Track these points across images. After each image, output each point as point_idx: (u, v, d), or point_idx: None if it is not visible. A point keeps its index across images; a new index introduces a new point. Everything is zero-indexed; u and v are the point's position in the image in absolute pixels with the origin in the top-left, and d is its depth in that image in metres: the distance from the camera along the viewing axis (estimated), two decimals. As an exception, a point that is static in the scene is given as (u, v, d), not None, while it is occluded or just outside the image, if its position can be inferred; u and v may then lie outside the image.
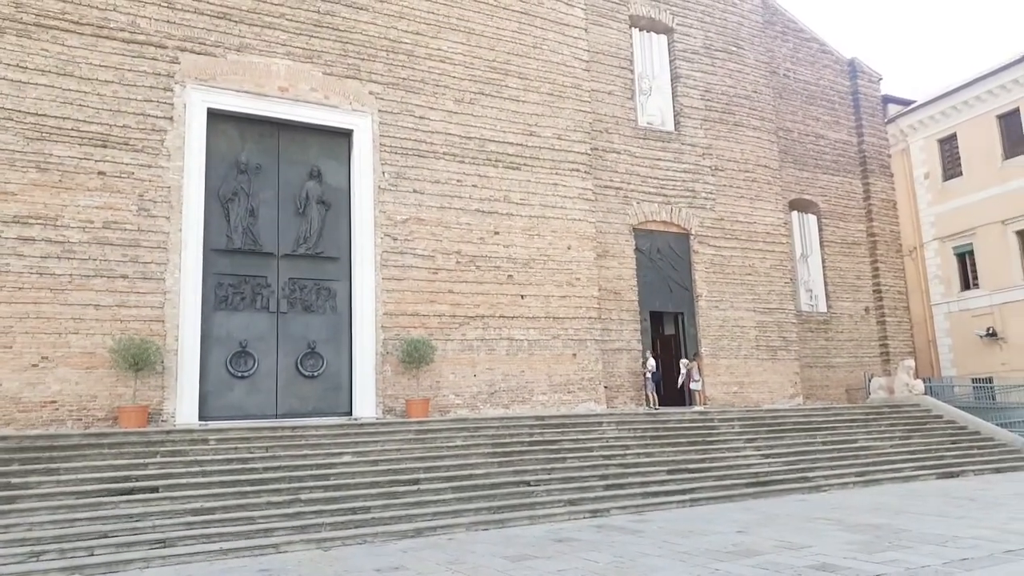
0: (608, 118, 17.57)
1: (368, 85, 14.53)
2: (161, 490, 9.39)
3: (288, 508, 9.39)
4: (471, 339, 14.57)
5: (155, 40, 12.88)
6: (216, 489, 9.58)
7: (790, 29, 22.91)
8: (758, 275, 19.06)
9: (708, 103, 19.24)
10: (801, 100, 22.55)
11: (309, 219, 14.02)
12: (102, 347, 11.65)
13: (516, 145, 15.71)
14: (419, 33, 15.13)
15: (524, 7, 16.36)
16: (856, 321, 22.23)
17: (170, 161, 12.74)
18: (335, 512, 9.44)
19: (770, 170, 19.93)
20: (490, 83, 15.66)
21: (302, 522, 9.05)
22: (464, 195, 15.00)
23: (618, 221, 17.30)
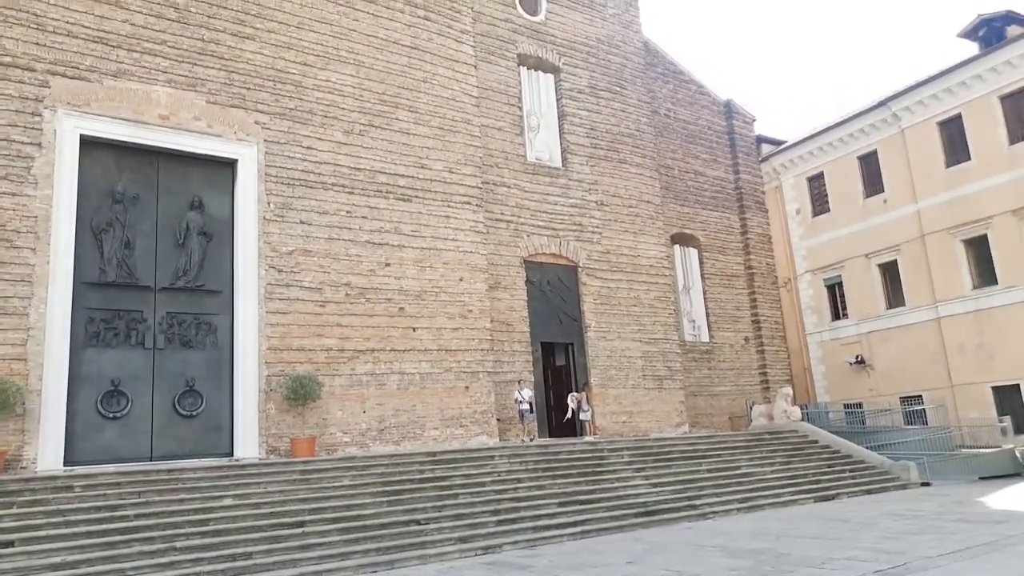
0: (498, 153, 17.91)
1: (254, 115, 14.25)
2: (17, 544, 8.70)
3: (162, 557, 8.90)
4: (360, 374, 14.35)
5: (22, 63, 12.22)
6: (81, 540, 8.96)
7: (670, 71, 24.13)
8: (643, 306, 19.75)
9: (593, 140, 19.95)
10: (681, 139, 23.72)
11: (189, 251, 13.51)
12: (-47, 389, 10.76)
13: (407, 177, 15.75)
14: (307, 64, 15.01)
15: (414, 42, 16.53)
16: (737, 350, 23.32)
17: (37, 189, 12.03)
18: (214, 559, 9.02)
19: (653, 205, 20.79)
20: (380, 116, 15.68)
21: (178, 572, 8.60)
22: (354, 226, 14.87)
23: (509, 253, 17.58)
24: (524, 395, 16.22)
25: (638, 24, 21.95)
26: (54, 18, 12.57)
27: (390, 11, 16.33)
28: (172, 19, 13.69)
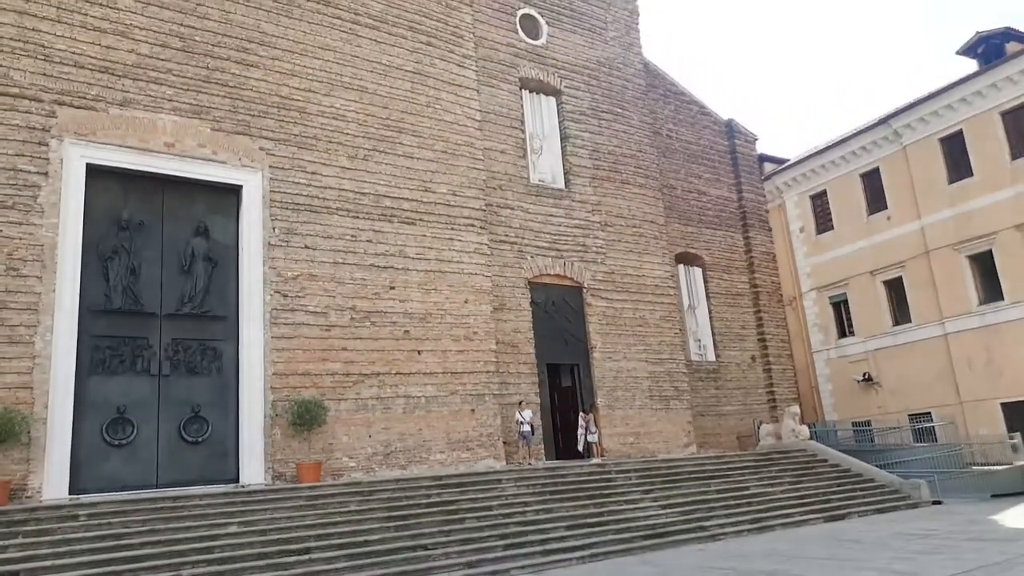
0: (501, 175, 17.99)
1: (259, 141, 14.37)
2: (23, 574, 8.66)
3: (167, 585, 8.84)
4: (366, 398, 14.32)
5: (30, 93, 12.36)
6: (87, 570, 8.92)
7: (671, 92, 24.27)
8: (649, 327, 19.71)
9: (596, 162, 20.03)
10: (683, 159, 23.80)
11: (195, 277, 13.57)
12: (-41, 418, 10.76)
13: (411, 201, 15.82)
14: (311, 91, 15.15)
15: (417, 68, 16.68)
16: (743, 369, 23.21)
17: (44, 218, 12.12)
18: (219, 586, 8.95)
19: (656, 225, 20.82)
20: (384, 140, 15.79)
21: (182, 599, 8.53)
22: (359, 250, 14.92)
23: (514, 275, 17.59)
24: (525, 416, 16.06)
25: (639, 46, 22.12)
26: (61, 49, 12.73)
27: (393, 37, 16.51)
28: (177, 48, 13.85)
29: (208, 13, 14.30)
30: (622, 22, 21.90)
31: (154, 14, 13.71)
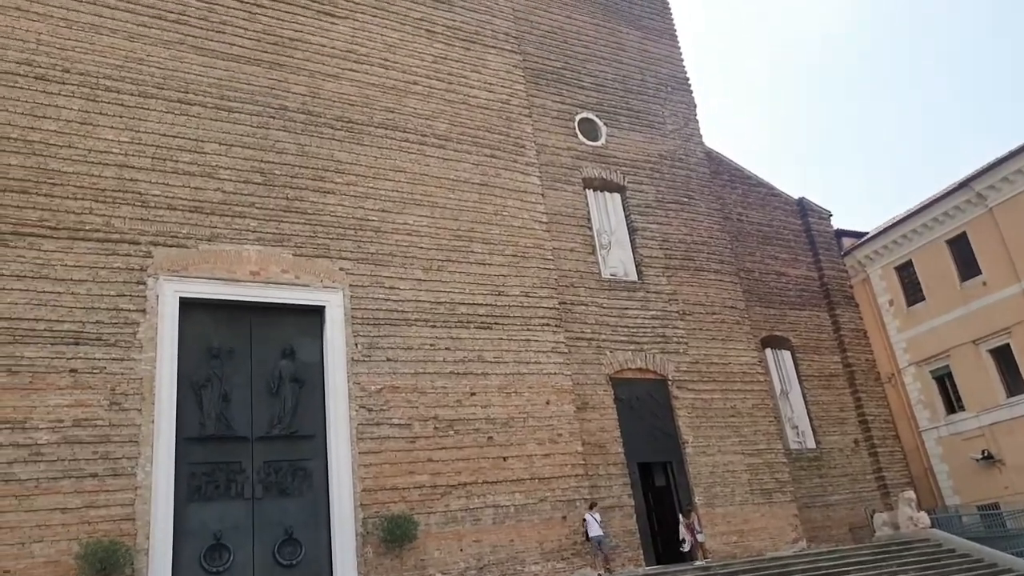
0: (572, 273, 18.09)
1: (338, 262, 14.95)
2: None
3: None
4: (455, 510, 14.08)
5: (129, 238, 13.30)
6: None
7: (737, 177, 24.27)
8: (741, 416, 18.94)
9: (667, 252, 19.96)
10: (757, 241, 23.48)
11: (283, 399, 13.90)
12: (67, 554, 11.08)
13: (485, 306, 16.02)
14: (385, 210, 15.81)
15: (483, 179, 17.27)
16: (847, 455, 21.90)
17: (142, 353, 12.76)
18: None
19: (737, 311, 20.36)
20: (456, 250, 16.21)
21: None
22: (438, 359, 15.07)
23: (594, 372, 17.35)
24: (595, 518, 14.82)
25: (699, 136, 22.38)
26: (155, 195, 13.76)
27: (459, 153, 17.22)
28: (259, 183, 14.78)
29: (286, 148, 15.29)
30: (680, 115, 22.28)
31: (237, 154, 14.75)
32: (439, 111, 17.40)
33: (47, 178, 12.94)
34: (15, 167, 12.74)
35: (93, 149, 13.45)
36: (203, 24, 15.27)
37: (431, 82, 17.59)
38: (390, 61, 17.23)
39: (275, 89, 15.57)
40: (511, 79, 18.85)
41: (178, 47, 14.86)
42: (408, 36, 17.74)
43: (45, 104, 13.33)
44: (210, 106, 14.77)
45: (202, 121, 14.59)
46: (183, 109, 14.49)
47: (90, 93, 13.75)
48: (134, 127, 13.93)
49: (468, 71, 18.26)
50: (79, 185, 13.15)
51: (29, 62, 13.41)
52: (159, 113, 14.24)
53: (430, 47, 17.94)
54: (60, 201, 12.93)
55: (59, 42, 13.79)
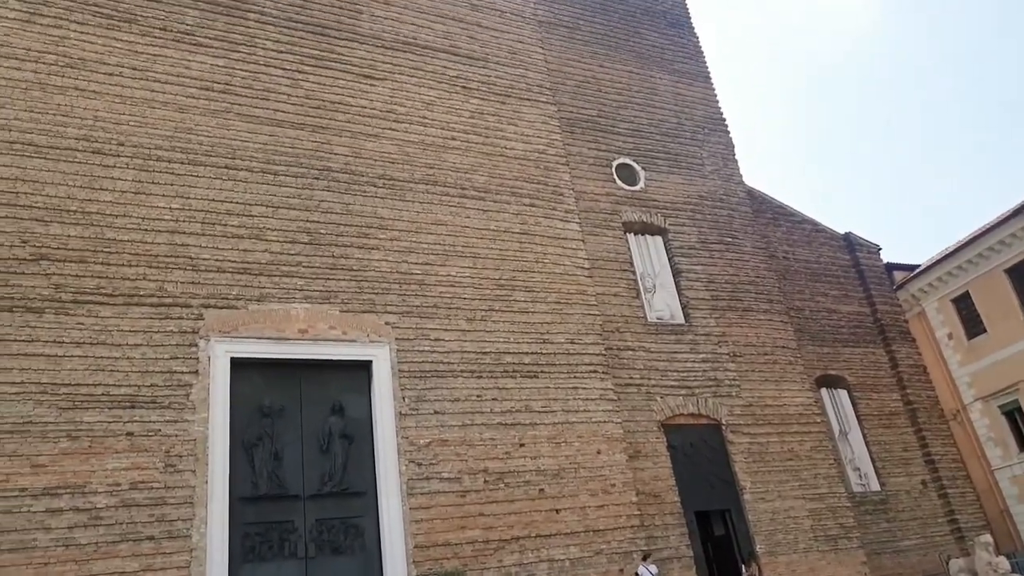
0: (617, 318, 17.93)
1: (384, 316, 15.08)
2: None
3: None
4: (508, 565, 13.79)
5: (181, 301, 13.64)
6: None
7: (780, 214, 23.98)
8: (800, 459, 18.33)
9: (714, 293, 19.69)
10: (805, 279, 23.05)
11: (333, 456, 13.91)
12: (125, 617, 11.13)
13: (531, 354, 15.94)
14: (428, 263, 15.97)
15: (523, 228, 17.38)
16: (915, 497, 20.96)
17: (195, 414, 12.95)
18: None
19: (789, 350, 19.89)
20: (499, 299, 16.24)
21: None
22: (485, 410, 14.98)
23: (645, 419, 17.03)
24: (651, 570, 14.22)
25: (739, 176, 22.26)
26: (205, 258, 14.13)
27: (498, 204, 17.39)
28: (305, 242, 15.09)
29: (331, 207, 15.62)
30: (718, 156, 22.23)
31: (283, 215, 15.12)
32: (477, 164, 17.66)
33: (104, 247, 13.41)
34: (74, 238, 13.25)
35: (146, 217, 13.93)
36: (248, 92, 15.86)
37: (469, 137, 17.90)
38: (428, 119, 17.62)
39: (319, 151, 16.01)
40: (547, 129, 19.09)
41: (225, 115, 15.43)
42: (445, 94, 18.15)
43: (102, 176, 13.89)
44: (256, 170, 15.23)
45: (249, 185, 15.04)
46: (231, 174, 14.97)
47: (143, 164, 14.31)
48: (184, 194, 14.41)
49: (504, 124, 18.56)
50: (134, 252, 13.60)
51: (87, 138, 14.05)
52: (208, 179, 14.72)
53: (466, 103, 18.32)
54: (116, 268, 13.36)
55: (114, 117, 14.44)
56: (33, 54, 14.21)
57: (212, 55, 15.82)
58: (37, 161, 13.47)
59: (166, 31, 15.56)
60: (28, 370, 12.11)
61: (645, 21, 23.56)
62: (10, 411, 11.78)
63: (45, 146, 13.64)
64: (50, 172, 13.49)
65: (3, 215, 12.88)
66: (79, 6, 14.96)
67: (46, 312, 12.60)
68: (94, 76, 14.55)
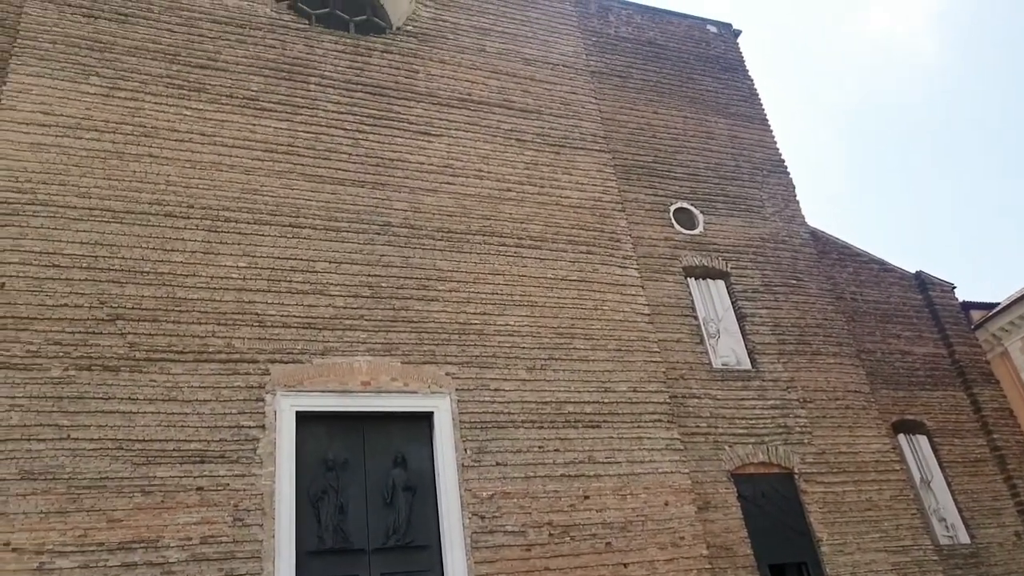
0: (681, 365, 17.59)
1: (444, 367, 15.14)
2: None
3: None
4: (576, 620, 13.41)
5: (248, 357, 13.97)
6: None
7: (846, 255, 23.37)
8: (879, 509, 17.45)
9: (780, 337, 19.18)
10: (876, 320, 22.28)
11: (397, 509, 13.87)
12: (194, 674, 11.17)
13: (593, 403, 15.71)
14: (486, 313, 16.03)
15: (580, 275, 17.33)
16: (1009, 550, 19.66)
17: (262, 468, 13.12)
18: None
19: (862, 395, 19.14)
20: (559, 348, 16.13)
21: None
22: (548, 461, 14.76)
23: (713, 468, 16.53)
24: None
25: (801, 217, 21.85)
26: (271, 314, 14.49)
27: (555, 252, 17.42)
28: (367, 296, 15.35)
29: (391, 261, 15.90)
30: (779, 197, 21.91)
31: (346, 270, 15.44)
32: (533, 214, 17.79)
33: (175, 306, 13.90)
34: (148, 298, 13.78)
35: (215, 276, 14.41)
36: (311, 152, 16.42)
37: (524, 187, 18.09)
38: (484, 171, 17.90)
39: (379, 207, 16.39)
40: (602, 177, 19.15)
41: (289, 176, 15.98)
42: (500, 147, 18.45)
43: (173, 238, 14.48)
44: (319, 227, 15.65)
45: (312, 242, 15.45)
46: (295, 232, 15.42)
47: (212, 225, 14.87)
48: (251, 252, 14.88)
49: (559, 174, 18.71)
50: (203, 310, 14.04)
51: (160, 201, 14.71)
52: (273, 238, 15.19)
53: (521, 155, 18.56)
54: (186, 326, 13.81)
55: (185, 181, 15.10)
56: (111, 125, 15.04)
57: (276, 118, 16.48)
58: (114, 226, 14.15)
59: (232, 98, 16.30)
60: (105, 427, 12.54)
61: (697, 67, 23.66)
62: (88, 467, 12.17)
63: (121, 211, 14.33)
64: (126, 236, 14.15)
65: (83, 278, 13.52)
66: (153, 79, 15.83)
67: (121, 370, 13.06)
68: (166, 143, 15.30)
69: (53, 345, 12.87)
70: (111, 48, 15.77)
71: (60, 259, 13.53)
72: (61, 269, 13.46)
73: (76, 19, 15.81)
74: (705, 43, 24.48)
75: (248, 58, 16.91)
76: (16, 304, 12.95)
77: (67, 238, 13.74)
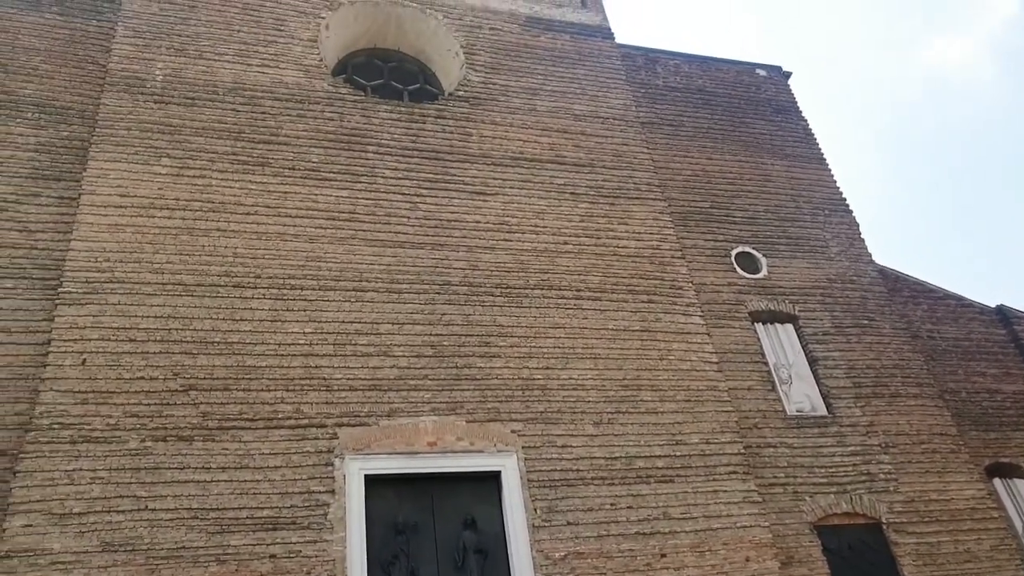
0: (754, 413, 17.04)
1: (509, 425, 14.98)
2: None
3: None
4: None
5: (316, 421, 14.10)
6: None
7: (919, 291, 22.52)
8: (979, 560, 16.34)
9: (855, 380, 18.44)
10: (957, 358, 21.27)
11: (468, 572, 13.60)
12: None
13: (664, 457, 15.27)
14: (549, 367, 15.88)
15: (643, 325, 17.08)
16: None
17: (333, 534, 13.09)
18: None
19: (949, 438, 18.15)
20: (625, 400, 15.82)
21: None
22: (620, 519, 14.32)
23: (794, 520, 15.79)
24: None
25: (868, 255, 21.25)
26: (338, 378, 14.65)
27: (615, 303, 17.26)
28: (430, 356, 15.41)
29: (452, 320, 15.98)
30: (843, 236, 21.39)
31: (408, 331, 15.57)
32: (591, 265, 17.72)
33: (245, 374, 14.20)
34: (219, 367, 14.12)
35: (282, 343, 14.71)
36: (371, 218, 16.80)
37: (580, 240, 18.09)
38: (540, 226, 17.99)
39: (438, 267, 16.58)
40: (659, 225, 19.02)
41: (351, 242, 16.35)
42: (554, 201, 18.56)
43: (242, 308, 14.88)
44: (382, 290, 15.89)
45: (375, 305, 15.68)
46: (358, 296, 15.68)
47: (278, 293, 15.25)
48: (316, 318, 15.17)
49: (615, 224, 18.67)
50: (272, 377, 14.30)
51: (228, 273, 15.19)
52: (338, 303, 15.47)
53: (576, 208, 18.62)
54: (256, 394, 14.06)
55: (251, 252, 15.58)
56: (182, 203, 15.71)
57: (337, 187, 16.97)
58: (186, 299, 14.63)
59: (295, 170, 16.89)
60: (180, 496, 12.74)
61: (749, 111, 23.58)
62: (165, 537, 12.34)
63: (192, 284, 14.83)
64: (197, 308, 14.60)
65: (158, 351, 13.95)
66: (220, 157, 16.54)
67: (195, 439, 13.32)
68: (233, 217, 15.87)
69: (131, 417, 13.24)
70: (180, 130, 16.59)
71: (136, 333, 14.03)
72: (137, 343, 13.94)
73: (148, 106, 16.73)
74: (755, 87, 24.44)
75: (308, 131, 17.56)
76: (96, 379, 13.42)
77: (142, 313, 14.26)
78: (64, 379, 13.25)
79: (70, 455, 12.64)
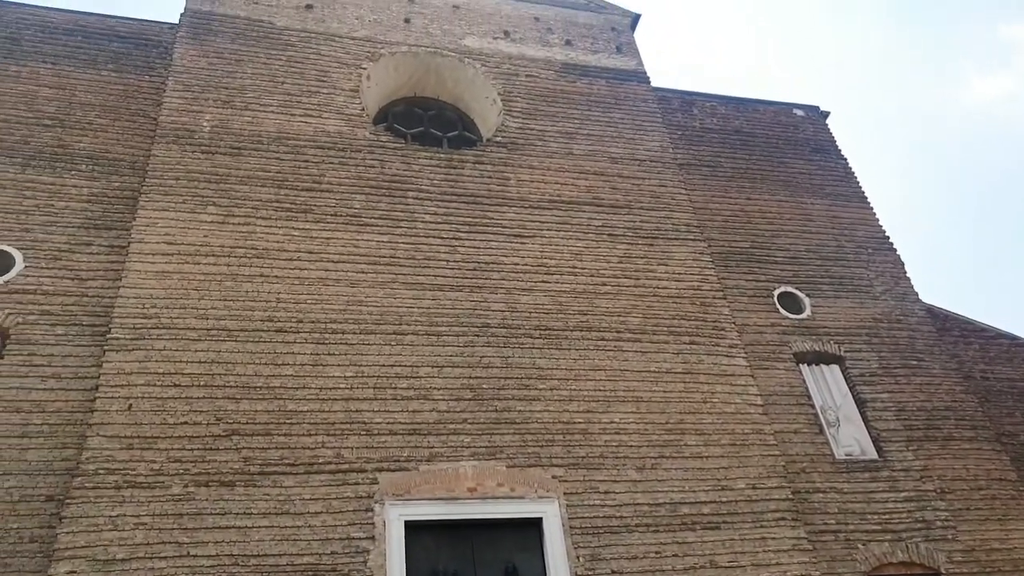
0: (801, 457, 16.56)
1: (550, 470, 14.76)
2: None
3: None
4: None
5: (356, 466, 14.05)
6: None
7: (969, 331, 21.85)
8: (1047, 613, 15.50)
9: (906, 422, 17.86)
10: (1013, 399, 20.50)
11: (510, 621, 13.31)
12: None
13: (710, 503, 14.87)
14: (590, 411, 15.67)
15: (685, 367, 16.81)
16: None
17: (372, 581, 12.93)
18: None
19: (1009, 483, 17.40)
20: (668, 445, 15.50)
21: None
22: (666, 567, 13.92)
23: (847, 570, 15.19)
24: None
25: (914, 294, 20.75)
26: (378, 422, 14.63)
27: (655, 344, 17.05)
28: (469, 399, 15.33)
29: (491, 363, 15.92)
30: (888, 275, 20.95)
31: (448, 374, 15.54)
32: (631, 307, 17.58)
33: (286, 419, 14.26)
34: (261, 412, 14.21)
35: (323, 387, 14.77)
36: (411, 262, 16.94)
37: (619, 281, 17.99)
38: (578, 268, 17.96)
39: (477, 310, 16.59)
40: (699, 266, 18.85)
41: (391, 286, 16.48)
42: (592, 243, 18.54)
43: (283, 353, 15.02)
44: (422, 333, 15.93)
45: (415, 348, 15.70)
46: (398, 339, 15.73)
47: (319, 337, 15.38)
48: (357, 362, 15.23)
49: (654, 265, 18.55)
50: (313, 422, 14.33)
51: (271, 318, 15.38)
52: (378, 346, 15.54)
53: (614, 249, 18.57)
54: (297, 438, 14.09)
55: (294, 297, 15.78)
56: (226, 249, 16.03)
57: (378, 232, 17.18)
58: (229, 344, 14.82)
59: (337, 216, 17.16)
60: (221, 543, 12.72)
61: (787, 150, 23.45)
62: (206, 584, 12.31)
63: (236, 329, 15.04)
64: (240, 352, 14.77)
65: (201, 395, 14.10)
66: (263, 204, 16.89)
67: (237, 485, 13.35)
68: (276, 263, 16.13)
69: (174, 463, 13.35)
70: (226, 179, 17.02)
71: (180, 379, 14.21)
72: (181, 388, 14.12)
73: (196, 156, 17.23)
74: (793, 127, 24.34)
75: (350, 178, 17.88)
76: (141, 424, 13.59)
77: (187, 358, 14.46)
78: (110, 424, 13.45)
79: (115, 500, 12.76)
